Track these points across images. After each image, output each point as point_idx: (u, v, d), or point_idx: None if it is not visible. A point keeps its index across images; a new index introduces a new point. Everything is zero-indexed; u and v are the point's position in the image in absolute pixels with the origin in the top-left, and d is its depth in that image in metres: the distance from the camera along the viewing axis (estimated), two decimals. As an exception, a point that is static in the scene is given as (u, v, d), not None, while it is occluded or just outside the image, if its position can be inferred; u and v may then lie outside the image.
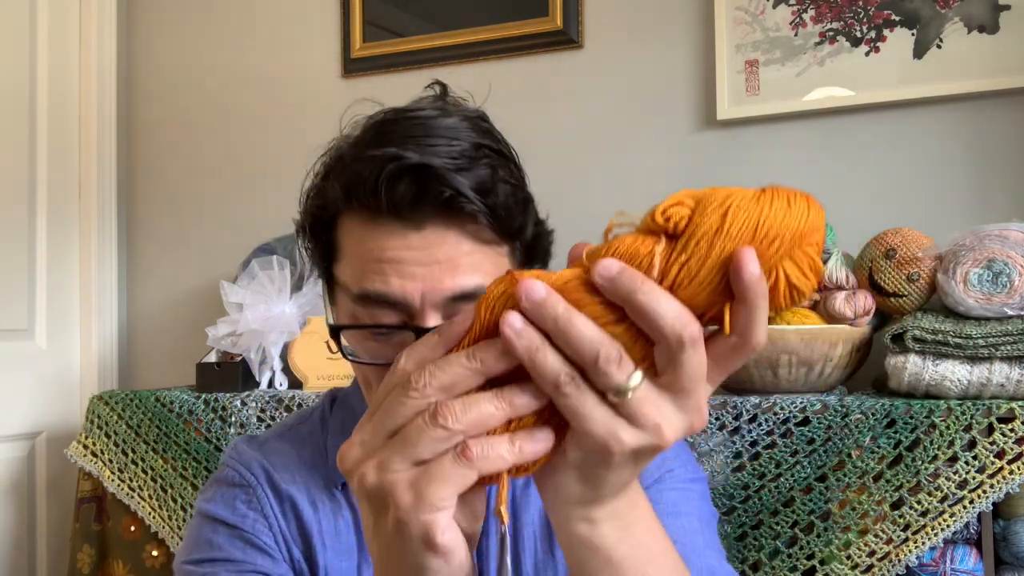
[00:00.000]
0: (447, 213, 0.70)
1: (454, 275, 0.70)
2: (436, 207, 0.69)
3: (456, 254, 0.70)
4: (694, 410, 0.48)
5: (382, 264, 0.70)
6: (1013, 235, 1.23)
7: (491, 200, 0.70)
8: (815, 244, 0.47)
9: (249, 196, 2.14)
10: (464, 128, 0.72)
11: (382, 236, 0.70)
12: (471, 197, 0.69)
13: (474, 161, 0.70)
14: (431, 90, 0.79)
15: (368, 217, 0.71)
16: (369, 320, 0.72)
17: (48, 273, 2.09)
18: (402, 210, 0.69)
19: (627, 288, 0.45)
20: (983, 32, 1.54)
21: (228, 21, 2.18)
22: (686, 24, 1.78)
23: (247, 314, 1.63)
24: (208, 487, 0.87)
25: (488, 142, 0.73)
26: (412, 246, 0.70)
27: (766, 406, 1.26)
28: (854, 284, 1.34)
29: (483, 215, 0.70)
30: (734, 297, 0.45)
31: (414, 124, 0.71)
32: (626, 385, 0.45)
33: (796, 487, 1.24)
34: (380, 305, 0.71)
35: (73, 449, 1.70)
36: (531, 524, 0.84)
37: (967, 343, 1.19)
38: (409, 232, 0.70)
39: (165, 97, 2.24)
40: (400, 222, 0.70)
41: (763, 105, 1.68)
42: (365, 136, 0.73)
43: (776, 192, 0.49)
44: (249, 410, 1.56)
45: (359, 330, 0.73)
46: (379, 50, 2.01)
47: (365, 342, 0.74)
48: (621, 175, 1.82)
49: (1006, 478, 1.12)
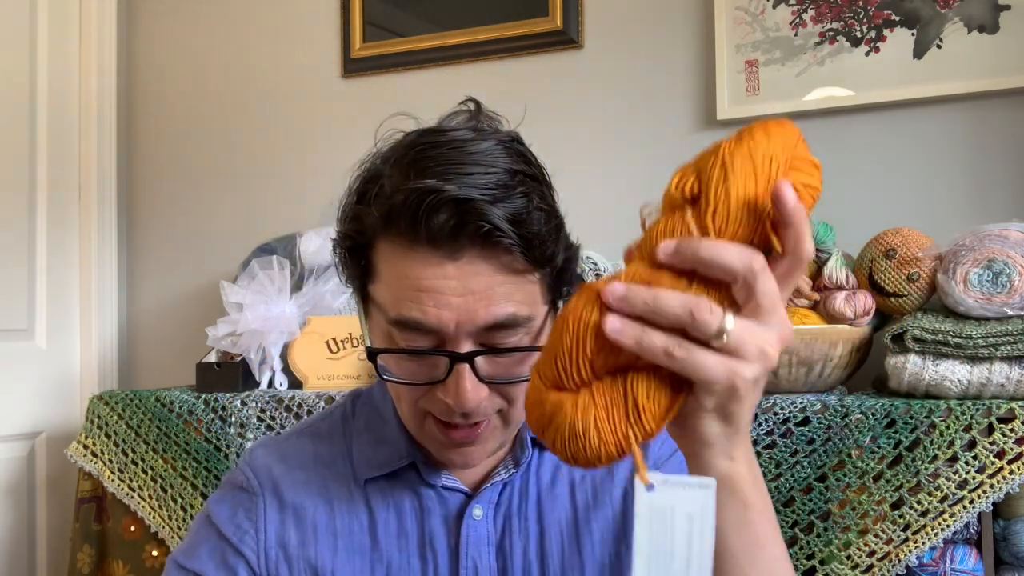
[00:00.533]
0: (483, 245, 0.72)
1: (488, 306, 0.73)
2: (473, 239, 0.71)
3: (490, 285, 0.73)
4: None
5: (419, 293, 0.73)
6: (1013, 235, 1.23)
7: (525, 230, 0.72)
8: (801, 146, 0.57)
9: (249, 196, 2.14)
10: (499, 153, 0.74)
11: (419, 265, 0.73)
12: (506, 230, 0.71)
13: (510, 190, 0.72)
14: (464, 106, 0.81)
15: (406, 244, 0.73)
16: (404, 343, 0.75)
17: (48, 273, 2.09)
18: (440, 241, 0.71)
19: (691, 251, 0.54)
20: (983, 32, 1.54)
21: (228, 21, 2.18)
22: (686, 24, 1.78)
23: (247, 314, 1.63)
24: (222, 485, 0.90)
25: (522, 167, 0.75)
26: (449, 276, 0.72)
27: (766, 406, 1.26)
28: (854, 284, 1.34)
29: (517, 248, 0.72)
30: (777, 222, 0.54)
31: (450, 150, 0.73)
32: (723, 326, 0.53)
33: (796, 487, 1.24)
34: (416, 331, 0.74)
35: (73, 449, 1.70)
36: (558, 523, 0.86)
37: (967, 343, 1.19)
38: (446, 262, 0.72)
39: (165, 97, 2.24)
40: (438, 252, 0.72)
41: (763, 105, 1.68)
42: (403, 161, 0.75)
43: (750, 129, 0.57)
44: (249, 410, 1.56)
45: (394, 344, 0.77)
46: (379, 50, 2.01)
47: (400, 363, 0.77)
48: (621, 175, 1.82)
49: (1006, 478, 1.12)
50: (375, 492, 0.86)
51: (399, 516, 0.85)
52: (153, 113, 2.25)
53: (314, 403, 1.52)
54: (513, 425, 0.82)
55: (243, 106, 2.15)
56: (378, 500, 0.86)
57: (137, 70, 2.26)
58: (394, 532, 0.85)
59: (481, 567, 0.85)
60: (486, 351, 0.74)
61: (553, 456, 0.84)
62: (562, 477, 0.89)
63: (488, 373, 0.75)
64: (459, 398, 0.74)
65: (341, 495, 0.86)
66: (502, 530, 0.86)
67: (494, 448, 0.83)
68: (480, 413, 0.77)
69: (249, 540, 0.84)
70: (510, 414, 0.80)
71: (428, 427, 0.80)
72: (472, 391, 0.74)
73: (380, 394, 0.91)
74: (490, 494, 0.86)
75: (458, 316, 0.72)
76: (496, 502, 0.87)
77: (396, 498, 0.86)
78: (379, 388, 0.92)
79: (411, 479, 0.86)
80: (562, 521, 0.87)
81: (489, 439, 0.81)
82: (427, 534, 0.85)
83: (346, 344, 1.62)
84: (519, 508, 0.87)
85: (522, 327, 0.75)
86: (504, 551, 0.86)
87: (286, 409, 1.53)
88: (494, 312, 0.73)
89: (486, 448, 0.82)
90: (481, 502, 0.86)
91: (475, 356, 0.74)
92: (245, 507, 0.86)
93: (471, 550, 0.85)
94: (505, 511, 0.86)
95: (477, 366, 0.74)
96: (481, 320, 0.73)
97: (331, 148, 2.07)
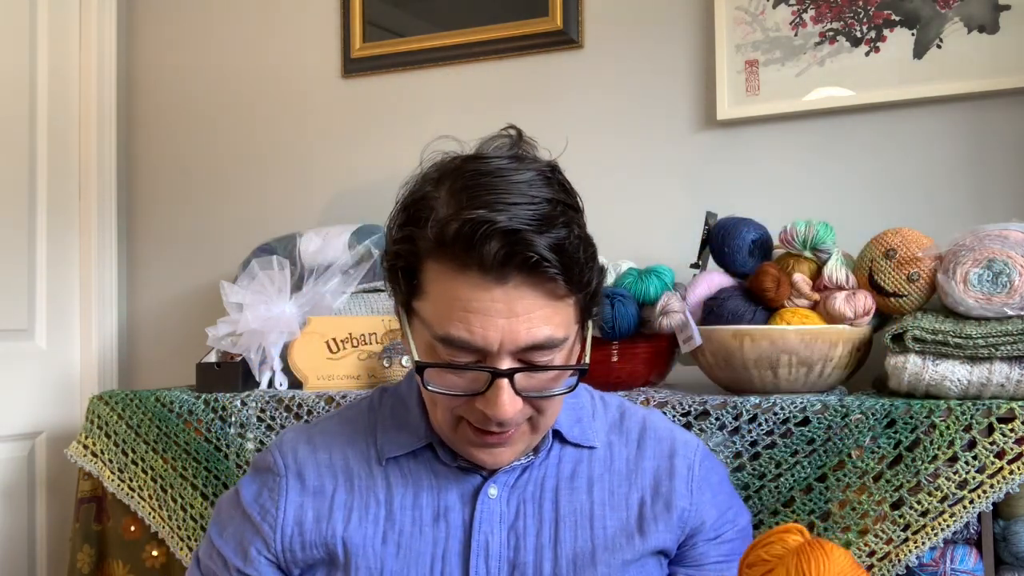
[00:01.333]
0: (530, 273, 0.79)
1: (529, 328, 0.80)
2: (521, 268, 0.78)
3: (533, 308, 0.80)
4: None
5: (467, 314, 0.80)
6: (1013, 235, 1.23)
7: (566, 259, 0.79)
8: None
9: (249, 196, 2.14)
10: (541, 184, 0.81)
11: (468, 287, 0.79)
12: (552, 260, 0.78)
13: (552, 221, 0.79)
14: (506, 132, 0.88)
15: (457, 268, 0.80)
16: (448, 357, 0.82)
17: (48, 273, 2.09)
18: (490, 267, 0.78)
19: None
20: (983, 32, 1.54)
21: (228, 21, 2.18)
22: (686, 24, 1.78)
23: (247, 314, 1.63)
24: (252, 466, 1.00)
25: (562, 197, 0.82)
26: (496, 299, 0.79)
27: (766, 406, 1.26)
28: (854, 284, 1.34)
29: (560, 276, 0.79)
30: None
31: (496, 179, 0.80)
32: None
33: (796, 487, 1.24)
34: (462, 348, 0.81)
35: (73, 449, 1.70)
36: (573, 514, 0.92)
37: (967, 343, 1.19)
38: (493, 287, 0.79)
39: (165, 97, 2.24)
40: (487, 277, 0.79)
41: (763, 105, 1.68)
42: (454, 187, 0.81)
43: (810, 549, 0.67)
44: (249, 410, 1.56)
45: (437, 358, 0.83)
46: (379, 50, 2.01)
47: (444, 375, 0.84)
48: (621, 175, 1.82)
49: (1006, 478, 1.12)
50: (395, 470, 0.93)
51: (416, 491, 0.92)
52: (153, 113, 2.25)
53: (314, 403, 1.52)
54: (541, 431, 0.90)
55: (243, 106, 2.15)
56: (397, 477, 0.93)
57: (137, 70, 2.26)
58: (409, 504, 0.92)
59: (492, 543, 0.90)
60: (525, 368, 0.82)
61: (576, 450, 0.95)
62: (582, 472, 0.95)
63: (523, 387, 0.82)
64: (497, 410, 0.81)
65: (362, 474, 0.94)
66: (516, 512, 0.91)
67: (522, 451, 0.90)
68: (514, 423, 0.84)
69: (269, 519, 0.93)
70: (539, 421, 0.88)
71: (462, 430, 0.87)
72: (510, 404, 0.81)
73: (407, 389, 0.98)
74: (506, 476, 0.92)
75: (502, 336, 0.80)
76: (512, 485, 0.92)
77: (415, 476, 0.93)
78: (406, 384, 0.99)
79: (430, 459, 0.93)
80: (577, 512, 0.92)
81: (518, 443, 0.88)
82: (442, 507, 0.91)
83: (346, 344, 1.62)
84: (535, 495, 0.92)
85: (558, 348, 0.83)
86: (517, 532, 0.91)
87: (286, 409, 1.53)
88: (535, 334, 0.80)
89: (515, 450, 0.89)
90: (497, 483, 0.92)
91: (515, 373, 0.81)
92: (269, 487, 0.95)
93: (484, 526, 0.90)
94: (521, 495, 0.92)
95: (515, 381, 0.81)
96: (523, 341, 0.80)
97: (331, 148, 2.07)
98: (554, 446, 0.94)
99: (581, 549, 0.90)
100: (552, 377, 0.85)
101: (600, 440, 0.97)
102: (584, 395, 1.01)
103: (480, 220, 0.76)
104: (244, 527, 0.94)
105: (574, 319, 0.85)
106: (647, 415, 1.01)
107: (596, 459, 0.95)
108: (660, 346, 1.44)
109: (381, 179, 2.01)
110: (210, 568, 0.96)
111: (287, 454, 0.96)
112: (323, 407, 1.51)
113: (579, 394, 1.00)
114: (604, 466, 0.95)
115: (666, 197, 1.79)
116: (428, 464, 0.93)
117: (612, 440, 0.97)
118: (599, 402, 1.02)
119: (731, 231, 1.44)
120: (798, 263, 1.38)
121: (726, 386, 1.39)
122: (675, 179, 1.78)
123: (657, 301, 1.39)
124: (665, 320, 1.36)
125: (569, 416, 0.96)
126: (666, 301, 1.37)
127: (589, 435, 0.96)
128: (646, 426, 0.99)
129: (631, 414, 1.01)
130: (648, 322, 1.40)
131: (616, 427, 0.99)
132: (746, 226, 1.44)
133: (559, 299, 0.82)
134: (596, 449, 0.96)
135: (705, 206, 1.68)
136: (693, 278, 1.46)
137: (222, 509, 0.99)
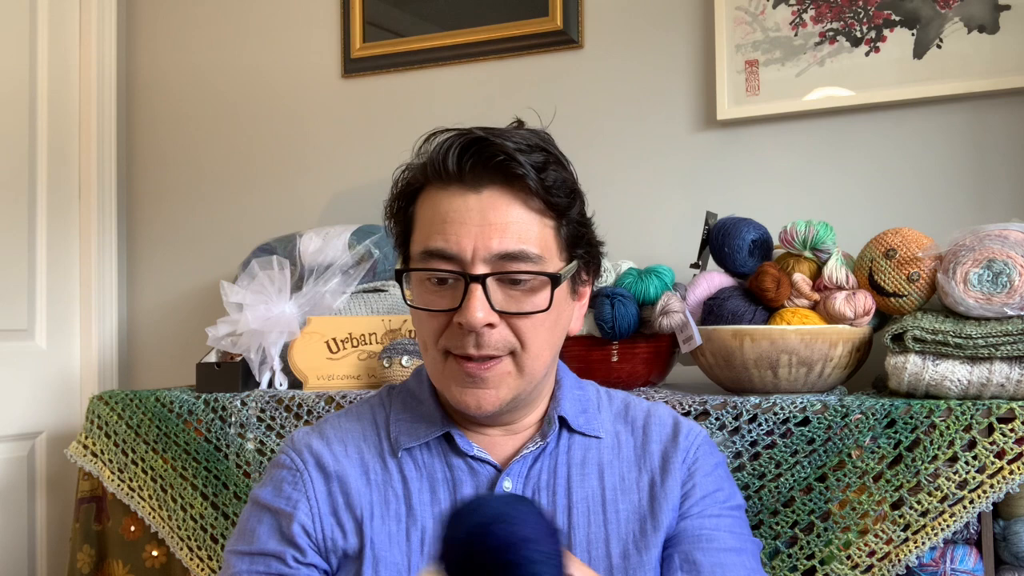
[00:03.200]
0: (503, 180, 0.85)
1: (503, 235, 0.84)
2: (493, 172, 0.84)
3: (507, 218, 0.85)
4: None
5: (445, 224, 0.85)
6: (1013, 235, 1.23)
7: (543, 176, 0.85)
8: None
9: (249, 196, 2.14)
10: (529, 134, 0.89)
11: (447, 200, 0.86)
12: (522, 161, 0.84)
13: (533, 149, 0.86)
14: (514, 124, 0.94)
15: (441, 186, 0.87)
16: (430, 273, 0.86)
17: (48, 273, 2.09)
18: (465, 174, 0.85)
19: None
20: (983, 32, 1.54)
21: (228, 21, 2.18)
22: (686, 24, 1.78)
23: (247, 314, 1.63)
24: (265, 474, 0.98)
25: (549, 148, 0.88)
26: (471, 207, 0.85)
27: (766, 406, 1.26)
28: (854, 284, 1.34)
29: (533, 181, 0.84)
30: None
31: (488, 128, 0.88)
32: None
33: (796, 487, 1.24)
34: (439, 259, 0.85)
35: (73, 449, 1.70)
36: (585, 500, 0.93)
37: (967, 343, 1.19)
38: (469, 195, 0.85)
39: (165, 97, 2.24)
40: (464, 186, 0.85)
41: (763, 105, 1.68)
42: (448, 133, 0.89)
43: None
44: (249, 410, 1.56)
45: (420, 285, 0.88)
46: (379, 50, 2.01)
47: (425, 295, 0.87)
48: (621, 175, 1.82)
49: (1006, 478, 1.12)
50: (408, 463, 0.93)
51: (432, 485, 0.92)
52: (153, 113, 2.25)
53: (314, 403, 1.52)
54: (527, 376, 0.89)
55: (243, 106, 2.15)
56: (411, 470, 0.93)
57: (137, 70, 2.26)
58: (428, 501, 0.92)
59: None
60: (497, 273, 0.84)
61: (584, 439, 0.96)
62: (592, 458, 0.95)
63: (499, 303, 0.85)
64: (470, 315, 0.83)
65: (377, 468, 0.93)
66: None
67: (508, 397, 0.89)
68: (492, 344, 0.85)
69: (303, 507, 0.91)
70: (523, 360, 0.88)
71: (449, 366, 0.88)
72: (482, 309, 0.83)
73: (415, 384, 0.99)
74: (519, 468, 0.93)
75: (475, 243, 0.84)
76: (525, 476, 0.93)
77: (429, 468, 0.93)
78: (414, 379, 1.01)
79: (444, 451, 0.94)
80: (589, 498, 0.93)
81: (502, 384, 0.88)
82: None
83: (346, 344, 1.62)
84: (548, 483, 0.93)
85: (534, 262, 0.85)
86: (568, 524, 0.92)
87: (286, 409, 1.53)
88: (507, 243, 0.84)
89: (499, 394, 0.88)
90: (511, 475, 0.92)
91: (487, 278, 0.84)
92: (290, 481, 0.93)
93: None
94: (535, 484, 0.93)
95: (489, 292, 0.84)
96: (495, 248, 0.84)
97: (331, 148, 2.07)
98: (562, 433, 0.96)
99: (595, 535, 0.91)
100: (528, 294, 0.86)
101: (606, 430, 0.98)
102: (590, 389, 1.03)
103: (459, 132, 0.86)
104: (278, 520, 0.91)
105: (555, 248, 0.88)
106: (652, 405, 1.03)
107: (605, 447, 0.97)
108: (660, 346, 1.44)
109: (381, 179, 2.00)
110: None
111: (302, 450, 0.95)
112: (323, 407, 1.51)
113: (584, 387, 1.02)
114: (613, 453, 0.96)
115: (666, 197, 1.79)
116: (442, 457, 0.93)
117: (619, 429, 0.99)
118: (604, 396, 1.03)
119: (731, 231, 1.44)
120: (798, 263, 1.38)
121: (726, 386, 1.39)
122: (675, 179, 1.78)
123: (657, 301, 1.39)
124: (665, 320, 1.36)
125: (574, 406, 0.97)
126: (666, 301, 1.37)
127: (595, 425, 0.98)
128: (651, 413, 1.01)
129: (636, 404, 1.02)
130: (648, 322, 1.40)
131: (621, 417, 1.00)
132: (746, 226, 1.44)
133: (535, 213, 0.86)
134: (603, 439, 0.97)
135: (705, 206, 1.68)
136: (693, 278, 1.46)
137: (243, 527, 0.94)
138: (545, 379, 0.94)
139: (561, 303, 0.90)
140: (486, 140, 0.84)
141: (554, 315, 0.89)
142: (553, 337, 0.91)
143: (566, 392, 0.98)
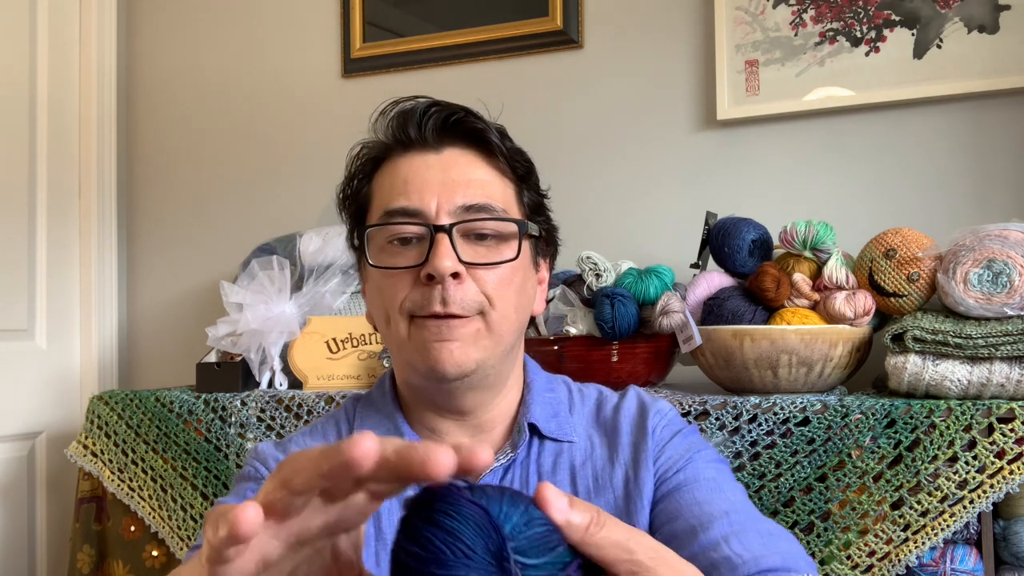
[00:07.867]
0: (464, 139, 0.86)
1: (466, 190, 0.85)
2: (453, 130, 0.86)
3: (469, 176, 0.86)
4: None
5: (407, 184, 0.85)
6: (1013, 235, 1.23)
7: (504, 141, 0.87)
8: None
9: (249, 196, 2.14)
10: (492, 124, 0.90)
11: (407, 164, 0.87)
12: (482, 118, 0.85)
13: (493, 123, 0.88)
14: None
15: (400, 153, 0.88)
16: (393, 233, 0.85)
17: (48, 273, 2.09)
18: (427, 136, 0.86)
19: None
20: (983, 32, 1.54)
21: (228, 21, 2.18)
22: (686, 24, 1.78)
23: (247, 314, 1.63)
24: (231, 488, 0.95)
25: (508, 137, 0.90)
26: (431, 166, 0.86)
27: (766, 406, 1.26)
28: (854, 284, 1.34)
29: (495, 138, 0.86)
30: None
31: None
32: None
33: (796, 487, 1.24)
34: (403, 216, 0.84)
35: (73, 449, 1.70)
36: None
37: (967, 343, 1.19)
38: (430, 155, 0.86)
39: (165, 97, 2.24)
40: (424, 148, 0.86)
41: (763, 105, 1.68)
42: None
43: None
44: (249, 410, 1.56)
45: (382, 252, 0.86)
46: (379, 50, 2.01)
47: (387, 259, 0.86)
48: (621, 175, 1.82)
49: (1006, 478, 1.12)
50: None
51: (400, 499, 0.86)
52: (153, 113, 2.25)
53: (314, 403, 1.52)
54: (496, 335, 0.87)
55: (243, 106, 2.15)
56: None
57: (137, 70, 2.26)
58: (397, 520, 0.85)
59: None
60: (464, 222, 0.84)
61: (554, 444, 0.93)
62: (563, 463, 0.92)
63: (467, 255, 0.84)
64: (438, 261, 0.81)
65: None
66: None
67: (479, 357, 0.86)
68: (458, 302, 0.83)
69: None
70: (491, 319, 0.86)
71: (415, 332, 0.85)
72: (449, 257, 0.81)
73: (378, 393, 0.96)
74: (490, 479, 0.89)
75: (438, 198, 0.84)
76: None
77: None
78: (377, 388, 0.97)
79: None
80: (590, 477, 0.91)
81: (473, 343, 0.85)
82: None
83: (346, 344, 1.62)
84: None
85: (498, 213, 0.86)
86: None
87: (286, 409, 1.53)
88: (470, 195, 0.84)
89: (470, 353, 0.85)
90: None
91: (453, 227, 0.83)
92: (254, 489, 0.90)
93: None
94: None
95: (456, 243, 0.83)
96: (459, 201, 0.84)
97: (331, 148, 2.07)
98: (533, 441, 0.92)
99: None
100: (493, 248, 0.86)
101: (579, 434, 0.94)
102: (561, 389, 0.99)
103: (417, 98, 0.88)
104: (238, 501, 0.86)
105: (516, 208, 0.89)
106: (621, 397, 0.99)
107: (576, 449, 0.93)
108: (660, 346, 1.44)
109: (381, 179, 2.00)
110: None
111: (266, 459, 0.93)
112: (323, 407, 1.51)
113: (555, 388, 0.98)
114: (585, 454, 0.93)
115: (666, 197, 1.79)
116: None
117: (591, 432, 0.95)
118: (577, 395, 0.99)
119: (731, 231, 1.44)
120: (798, 263, 1.38)
121: (726, 386, 1.39)
122: (675, 179, 1.78)
123: (657, 301, 1.39)
124: (665, 320, 1.36)
125: (545, 411, 0.94)
126: (666, 301, 1.37)
127: (567, 429, 0.94)
128: (620, 406, 0.97)
129: (606, 402, 0.99)
130: (648, 322, 1.40)
131: (593, 419, 0.97)
132: (746, 226, 1.44)
133: (495, 169, 0.88)
134: (575, 443, 0.94)
135: (705, 206, 1.68)
136: (693, 278, 1.46)
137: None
138: (513, 358, 0.91)
139: (526, 266, 0.88)
140: (444, 102, 0.86)
141: (520, 274, 0.87)
142: (520, 301, 0.88)
143: (536, 396, 0.94)
